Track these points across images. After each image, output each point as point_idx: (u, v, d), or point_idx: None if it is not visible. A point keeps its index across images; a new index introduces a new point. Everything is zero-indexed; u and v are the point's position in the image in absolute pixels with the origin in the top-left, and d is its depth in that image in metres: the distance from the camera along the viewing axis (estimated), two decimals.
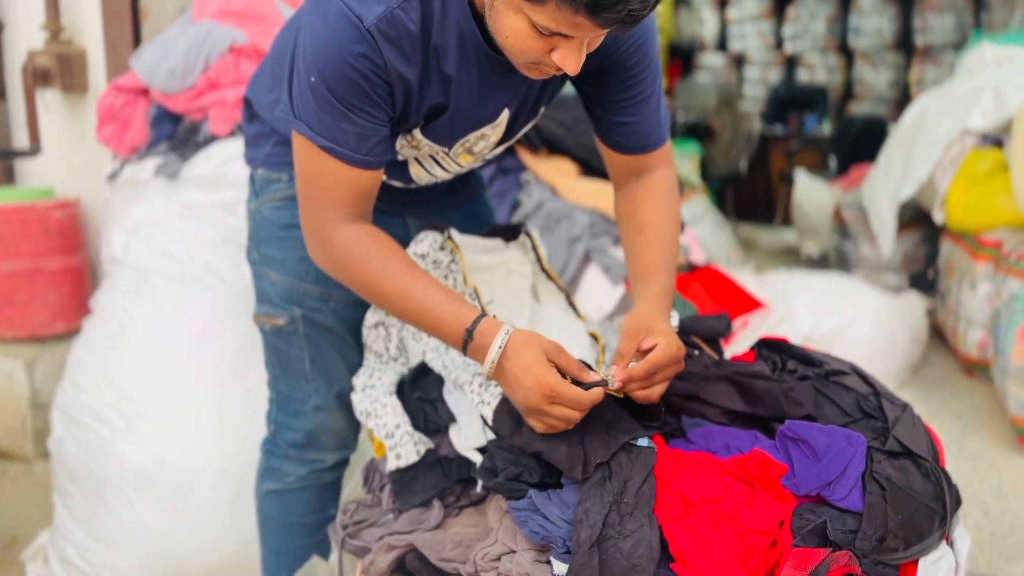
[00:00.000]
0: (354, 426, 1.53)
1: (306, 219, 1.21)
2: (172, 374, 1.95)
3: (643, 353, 1.13)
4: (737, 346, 2.10)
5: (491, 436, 1.23)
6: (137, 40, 2.70)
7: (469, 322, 1.12)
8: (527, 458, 1.13)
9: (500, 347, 1.09)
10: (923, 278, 4.10)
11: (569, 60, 1.02)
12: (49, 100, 2.86)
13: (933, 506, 1.01)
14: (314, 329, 1.44)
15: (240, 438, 1.88)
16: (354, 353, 1.47)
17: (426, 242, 1.35)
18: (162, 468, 1.88)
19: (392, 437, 1.27)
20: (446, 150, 1.27)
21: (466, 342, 1.13)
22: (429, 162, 1.31)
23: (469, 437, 1.25)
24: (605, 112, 1.28)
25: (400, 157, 1.28)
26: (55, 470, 2.06)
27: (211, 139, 2.24)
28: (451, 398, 1.31)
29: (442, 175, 1.36)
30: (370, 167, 1.16)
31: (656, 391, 1.13)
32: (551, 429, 1.09)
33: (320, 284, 1.41)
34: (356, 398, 1.36)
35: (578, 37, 1.00)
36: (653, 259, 1.26)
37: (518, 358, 1.09)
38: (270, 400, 1.54)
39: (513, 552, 1.07)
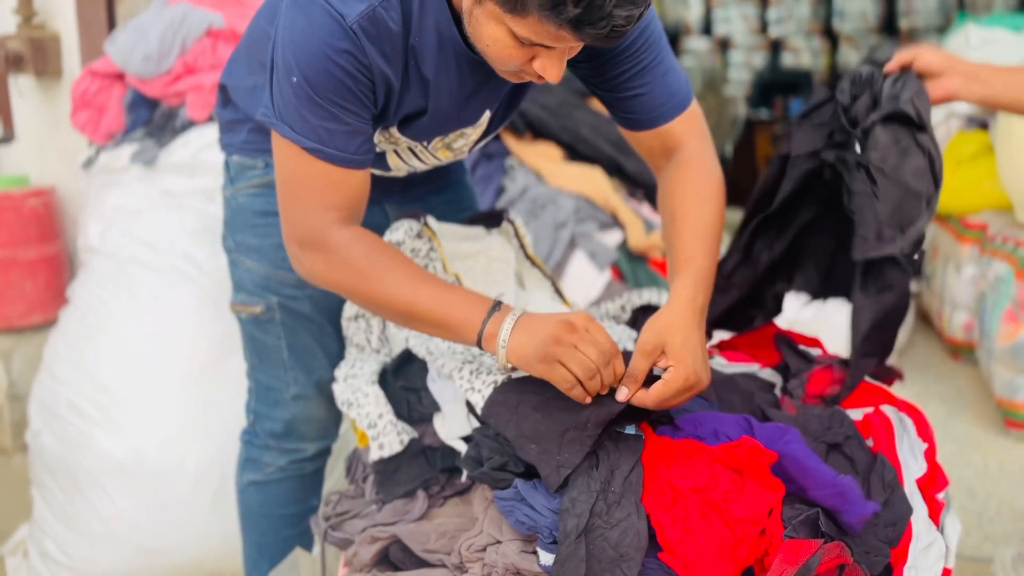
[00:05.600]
0: (334, 415, 1.51)
1: (294, 227, 1.14)
2: (150, 365, 1.92)
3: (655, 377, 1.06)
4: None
5: (476, 424, 1.21)
6: (112, 24, 2.65)
7: (480, 322, 1.07)
8: (513, 447, 1.11)
9: (510, 328, 1.05)
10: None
11: (550, 69, 1.00)
12: (22, 86, 2.80)
13: (919, 188, 1.04)
14: (291, 317, 1.41)
15: (220, 429, 1.85)
16: (332, 341, 1.44)
17: (401, 230, 1.32)
18: (141, 460, 1.86)
19: (375, 427, 1.25)
20: (424, 144, 1.25)
21: (479, 339, 1.08)
22: (407, 154, 1.28)
23: (454, 426, 1.23)
24: (607, 91, 1.21)
25: (378, 148, 1.25)
26: (33, 463, 2.04)
27: (189, 124, 2.20)
28: (435, 386, 1.29)
29: (420, 166, 1.34)
30: (358, 166, 1.12)
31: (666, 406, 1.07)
32: (568, 380, 1.03)
33: (296, 272, 1.38)
34: (338, 388, 1.34)
35: (559, 48, 0.98)
36: (682, 250, 1.16)
37: (531, 319, 1.05)
38: (249, 390, 1.52)
39: (499, 542, 1.05)
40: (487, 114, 1.22)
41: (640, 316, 1.40)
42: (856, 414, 1.16)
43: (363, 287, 1.13)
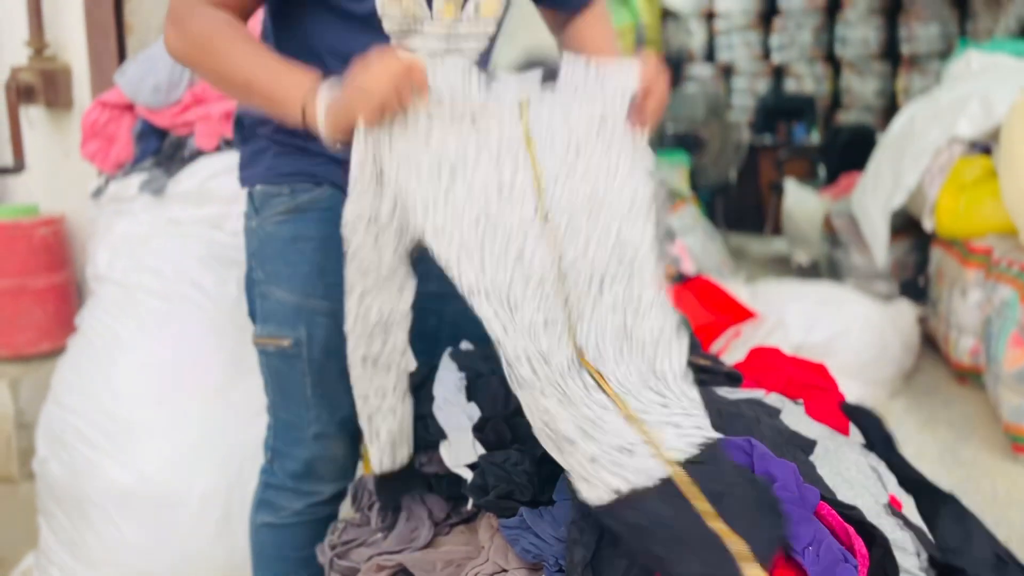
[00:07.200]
0: (353, 456, 1.47)
1: (172, 4, 1.20)
2: (157, 392, 1.93)
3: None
4: (730, 356, 2.09)
5: (482, 452, 1.21)
6: (122, 55, 2.68)
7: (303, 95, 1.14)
8: (519, 475, 1.12)
9: (324, 105, 1.11)
10: (914, 286, 4.10)
11: None
12: (33, 117, 2.84)
13: None
14: (320, 351, 1.37)
15: (227, 456, 1.85)
16: None
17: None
18: (147, 488, 1.85)
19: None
20: None
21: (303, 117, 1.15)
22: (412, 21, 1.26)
23: (459, 454, 1.23)
24: None
25: (385, 26, 1.24)
26: (40, 491, 2.04)
27: (197, 154, 2.22)
28: (441, 414, 1.29)
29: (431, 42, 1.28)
30: None
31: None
32: (366, 101, 1.08)
33: (328, 300, 1.32)
34: (355, 372, 1.26)
35: None
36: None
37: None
38: (268, 427, 1.48)
39: (504, 571, 1.05)
40: None
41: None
42: None
43: (209, 61, 1.20)
